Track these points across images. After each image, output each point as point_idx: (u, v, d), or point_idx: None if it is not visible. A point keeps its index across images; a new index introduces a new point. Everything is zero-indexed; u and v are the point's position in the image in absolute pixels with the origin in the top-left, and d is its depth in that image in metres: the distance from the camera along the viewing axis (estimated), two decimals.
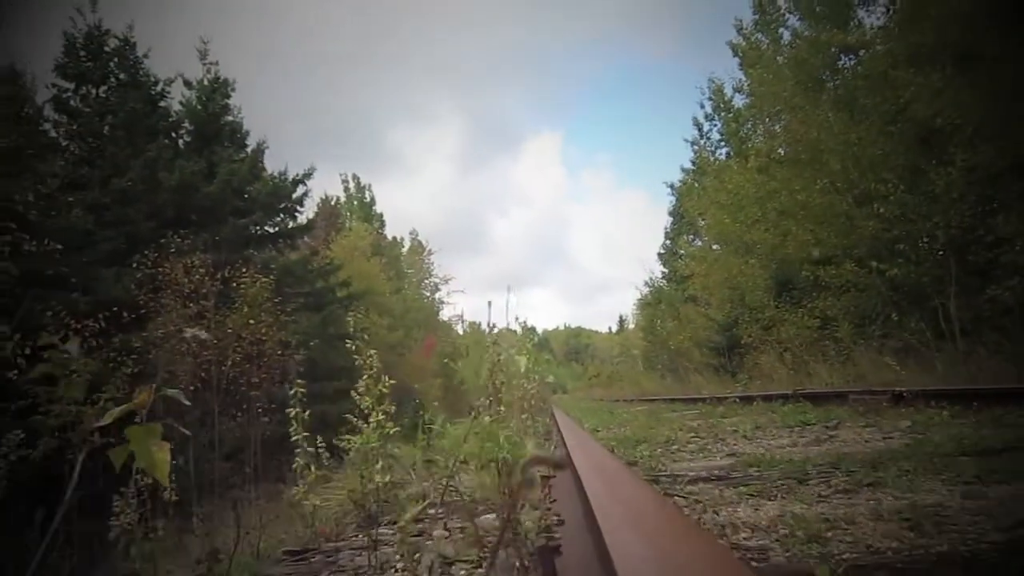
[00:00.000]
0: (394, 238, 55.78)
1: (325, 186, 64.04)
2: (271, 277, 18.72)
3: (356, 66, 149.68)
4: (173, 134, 27.98)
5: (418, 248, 56.40)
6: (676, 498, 3.34)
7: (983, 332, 12.67)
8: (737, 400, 10.97)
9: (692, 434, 6.76)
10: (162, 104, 27.40)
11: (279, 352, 17.84)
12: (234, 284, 17.42)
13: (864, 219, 15.75)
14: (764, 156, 24.79)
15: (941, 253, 14.01)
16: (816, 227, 16.75)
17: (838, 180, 16.41)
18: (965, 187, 13.57)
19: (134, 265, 17.62)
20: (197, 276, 16.86)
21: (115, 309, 15.28)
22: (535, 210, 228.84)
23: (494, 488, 2.35)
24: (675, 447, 5.71)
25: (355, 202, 54.25)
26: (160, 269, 16.79)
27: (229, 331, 16.33)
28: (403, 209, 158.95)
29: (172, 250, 18.17)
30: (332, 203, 47.70)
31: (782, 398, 9.73)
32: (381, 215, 55.74)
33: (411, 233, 57.53)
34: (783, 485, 3.43)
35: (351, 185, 54.93)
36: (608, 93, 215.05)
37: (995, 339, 11.62)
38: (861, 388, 8.07)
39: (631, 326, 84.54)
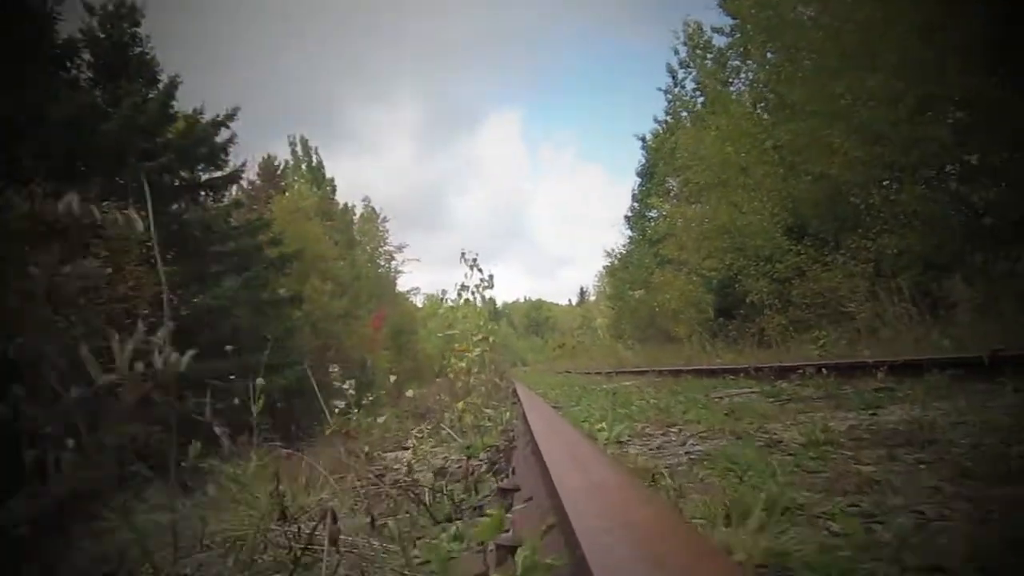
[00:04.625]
0: (345, 204, 50.24)
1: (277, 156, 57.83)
2: (142, 213, 13.40)
3: (311, 39, 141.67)
4: (68, 63, 22.48)
5: (371, 216, 50.95)
6: None
7: None
8: (822, 372, 6.28)
9: None
10: (56, 30, 21.90)
11: (147, 314, 12.58)
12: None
13: (931, 127, 11.17)
14: (760, 85, 20.43)
15: None
16: (865, 144, 12.12)
17: (898, 78, 11.71)
18: None
19: None
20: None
21: None
22: (495, 186, 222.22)
23: None
24: None
25: (303, 165, 48.59)
26: None
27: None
28: (361, 185, 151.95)
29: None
30: (275, 162, 42.08)
31: (927, 366, 5.03)
32: (332, 180, 50.19)
33: (364, 200, 52.00)
34: None
35: (298, 148, 49.26)
36: (568, 69, 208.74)
37: None
38: None
39: (592, 297, 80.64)
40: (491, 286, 9.01)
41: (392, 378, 4.97)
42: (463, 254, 9.00)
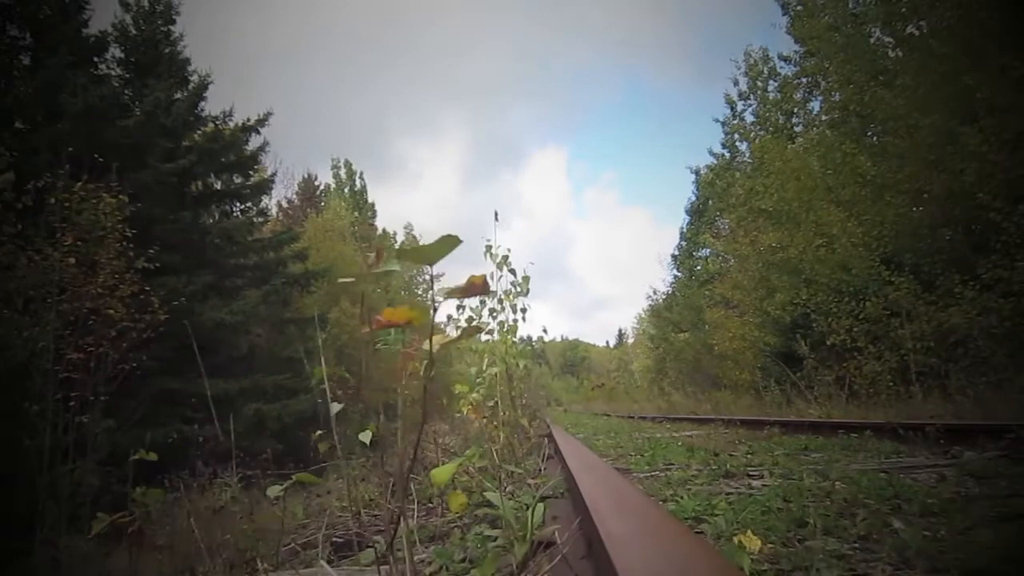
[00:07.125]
0: (384, 230, 48.29)
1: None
2: (123, 196, 11.11)
3: (362, 74, 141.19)
4: (95, 58, 20.70)
5: (412, 243, 48.97)
6: None
7: None
8: None
9: None
10: (84, 18, 20.24)
11: (121, 317, 10.11)
12: (54, 200, 9.92)
13: None
14: (839, 110, 17.91)
15: None
16: (1003, 150, 9.44)
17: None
18: None
19: None
20: None
21: None
22: (538, 224, 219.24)
23: None
24: None
25: (345, 188, 46.69)
26: None
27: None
28: (404, 216, 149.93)
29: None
30: (315, 181, 40.29)
31: None
32: (372, 204, 48.26)
33: (406, 227, 50.18)
34: None
35: (342, 171, 47.45)
36: (616, 112, 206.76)
37: None
38: None
39: (630, 340, 77.76)
40: (525, 292, 6.47)
41: (336, 407, 2.34)
42: (488, 248, 6.47)
